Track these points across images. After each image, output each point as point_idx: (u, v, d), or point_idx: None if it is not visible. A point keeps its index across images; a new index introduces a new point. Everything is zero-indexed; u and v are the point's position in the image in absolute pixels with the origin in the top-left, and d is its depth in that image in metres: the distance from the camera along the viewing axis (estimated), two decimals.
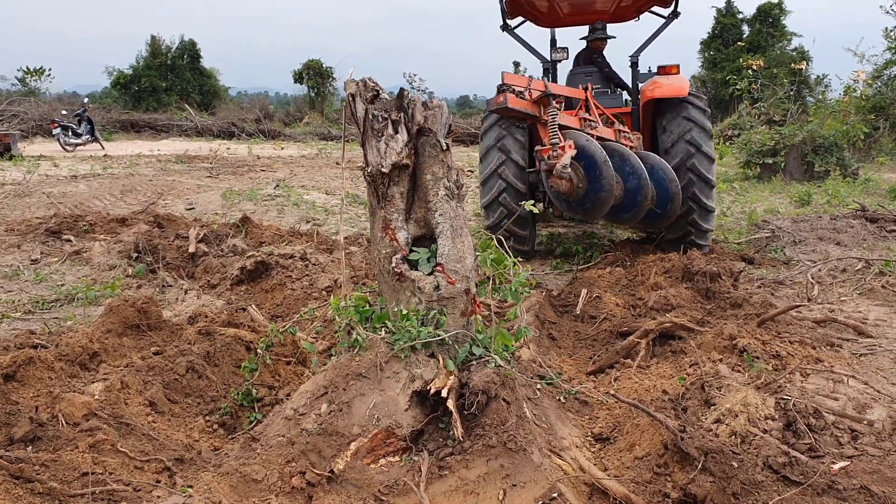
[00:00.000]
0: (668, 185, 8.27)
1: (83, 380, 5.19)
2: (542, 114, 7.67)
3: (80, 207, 13.49)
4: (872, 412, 4.65)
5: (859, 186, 15.92)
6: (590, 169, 7.38)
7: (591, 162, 7.38)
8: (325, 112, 43.29)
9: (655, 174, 8.19)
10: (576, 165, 7.38)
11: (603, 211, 7.71)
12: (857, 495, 3.54)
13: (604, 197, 7.47)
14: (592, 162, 7.38)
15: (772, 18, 38.49)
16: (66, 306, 7.90)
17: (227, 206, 13.95)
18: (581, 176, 7.42)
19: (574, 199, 7.63)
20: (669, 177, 8.32)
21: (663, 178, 8.27)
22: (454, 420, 4.06)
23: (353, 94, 4.56)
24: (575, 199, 7.63)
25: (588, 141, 7.51)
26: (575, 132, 7.75)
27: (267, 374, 5.44)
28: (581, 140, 7.51)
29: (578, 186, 7.46)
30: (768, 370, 5.32)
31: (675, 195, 8.32)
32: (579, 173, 7.44)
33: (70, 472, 3.89)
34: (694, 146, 8.95)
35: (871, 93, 23.11)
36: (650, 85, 9.64)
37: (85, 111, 27.37)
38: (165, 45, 45.79)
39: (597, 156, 7.37)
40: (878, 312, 6.98)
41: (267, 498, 3.77)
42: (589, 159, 7.40)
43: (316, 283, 7.76)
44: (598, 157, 7.36)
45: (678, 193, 8.35)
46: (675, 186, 8.32)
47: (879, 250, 9.27)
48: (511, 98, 7.41)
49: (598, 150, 7.38)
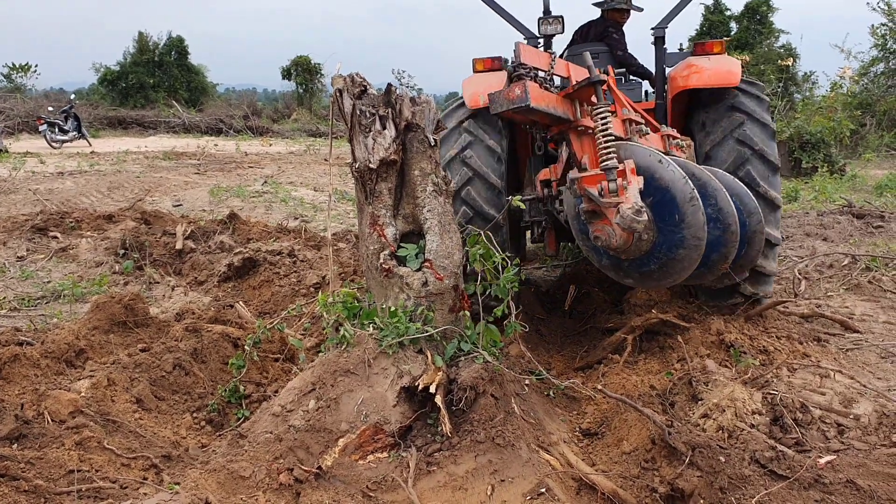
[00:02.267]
0: (749, 220, 5.27)
1: (69, 377, 5.16)
2: (578, 116, 4.70)
3: (67, 204, 13.41)
4: (859, 406, 4.68)
5: (846, 183, 15.99)
6: (664, 210, 4.41)
7: (668, 199, 4.38)
8: (313, 108, 43.18)
9: None
10: None
11: (678, 278, 4.70)
12: (843, 489, 3.56)
13: (683, 257, 4.46)
14: (669, 199, 4.37)
15: (759, 16, 38.55)
16: (52, 303, 7.85)
17: (215, 203, 13.90)
18: (648, 222, 4.37)
19: (630, 258, 4.69)
20: (749, 208, 5.30)
21: (740, 211, 5.14)
22: (442, 416, 4.06)
23: (341, 89, 4.55)
24: (631, 258, 4.68)
25: (662, 163, 4.47)
26: (633, 147, 4.75)
27: (254, 370, 5.43)
28: (647, 160, 4.54)
29: (642, 238, 4.43)
30: (755, 365, 5.34)
31: (755, 234, 5.33)
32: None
33: (56, 470, 3.87)
34: (748, 146, 6.09)
35: (857, 90, 23.25)
36: (683, 69, 6.65)
37: (72, 108, 27.24)
38: (153, 42, 45.55)
39: (677, 189, 4.36)
40: (865, 308, 7.01)
41: (254, 495, 3.76)
42: (663, 194, 4.41)
43: (304, 279, 7.75)
44: (681, 191, 4.35)
45: (760, 232, 5.35)
46: (756, 222, 5.30)
47: (866, 246, 9.31)
48: (535, 91, 4.30)
49: (681, 180, 4.38)
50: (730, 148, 6.13)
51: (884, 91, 23.57)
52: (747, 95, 6.36)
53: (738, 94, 6.34)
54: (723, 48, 6.65)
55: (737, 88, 6.35)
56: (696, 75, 6.43)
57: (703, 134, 6.39)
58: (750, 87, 6.46)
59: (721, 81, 6.27)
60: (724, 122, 6.27)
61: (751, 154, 6.06)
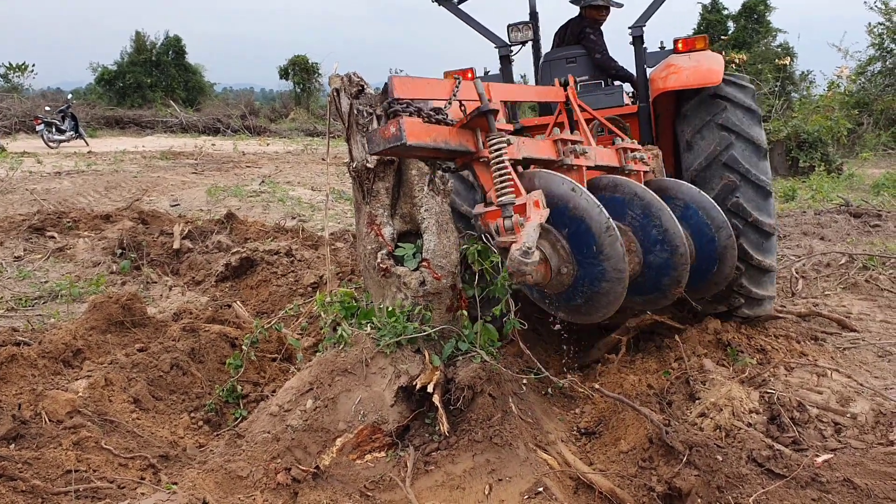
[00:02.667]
0: (717, 235, 4.97)
1: (67, 377, 5.16)
2: (479, 147, 3.93)
3: (64, 204, 13.40)
4: (856, 405, 4.68)
5: (843, 182, 16.01)
6: (580, 242, 3.87)
7: (583, 230, 3.84)
8: (310, 108, 43.17)
9: (693, 219, 5.03)
10: (555, 237, 3.88)
11: (606, 312, 4.08)
12: (840, 488, 3.56)
13: (607, 290, 3.91)
14: (585, 230, 3.83)
15: (756, 15, 38.63)
16: (49, 303, 7.85)
17: (212, 203, 13.89)
18: (565, 254, 3.88)
19: (554, 293, 4.17)
20: (717, 221, 4.99)
21: (707, 225, 4.96)
22: (440, 415, 4.06)
23: (338, 88, 4.54)
24: (555, 293, 4.15)
25: (575, 191, 3.88)
26: (546, 175, 4.01)
27: (252, 370, 5.43)
28: (559, 189, 3.92)
29: (560, 272, 3.89)
30: (752, 364, 5.35)
31: (726, 250, 5.00)
32: (561, 250, 3.89)
33: (53, 470, 3.87)
34: (737, 172, 5.66)
35: (854, 89, 23.28)
36: (662, 69, 6.17)
37: (69, 107, 27.21)
38: (150, 41, 45.50)
39: (592, 219, 3.81)
40: (862, 306, 7.02)
41: (252, 494, 3.76)
42: (578, 225, 3.86)
43: (301, 279, 7.75)
44: (596, 221, 3.80)
45: (732, 247, 5.02)
46: (726, 236, 4.97)
47: (863, 245, 9.33)
48: (413, 126, 3.55)
49: (595, 210, 3.81)
50: (716, 173, 5.71)
51: (881, 90, 23.60)
52: (735, 105, 5.89)
53: (724, 104, 5.86)
54: (706, 44, 6.21)
55: (720, 95, 5.89)
56: (674, 76, 5.97)
57: (690, 154, 5.91)
58: (736, 92, 5.97)
59: (701, 81, 5.84)
60: (710, 141, 5.79)
61: (740, 181, 5.64)
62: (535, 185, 3.87)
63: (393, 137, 3.27)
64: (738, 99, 5.90)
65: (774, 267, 5.81)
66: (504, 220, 3.52)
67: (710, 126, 5.83)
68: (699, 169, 5.78)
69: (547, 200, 3.75)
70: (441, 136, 3.60)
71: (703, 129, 5.86)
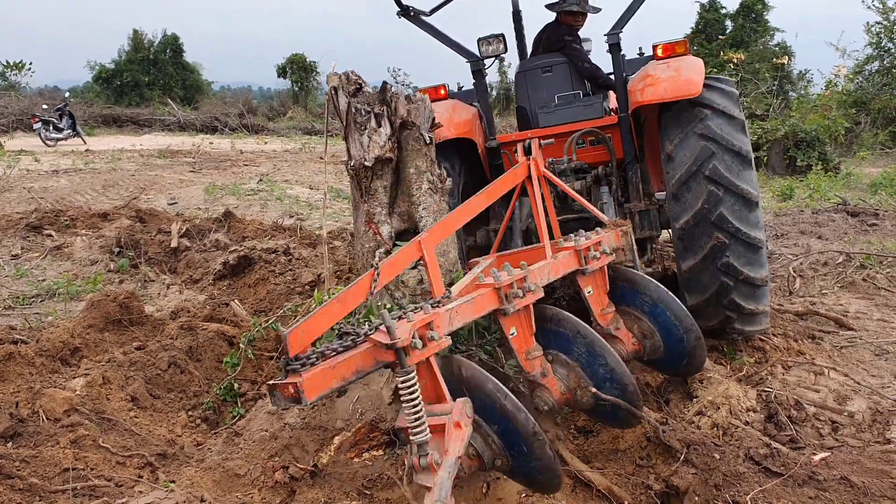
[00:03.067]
0: (686, 337, 4.60)
1: (64, 375, 5.16)
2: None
3: (62, 202, 13.38)
4: (853, 404, 4.70)
5: (841, 181, 16.03)
6: (511, 440, 3.46)
7: (512, 429, 3.42)
8: (308, 107, 43.11)
9: (661, 317, 4.66)
10: (485, 431, 3.46)
11: (550, 490, 3.66)
12: (837, 486, 3.57)
13: (544, 480, 3.55)
14: (514, 430, 3.41)
15: (755, 14, 38.64)
16: (46, 302, 7.84)
17: (210, 201, 13.88)
18: (497, 448, 3.47)
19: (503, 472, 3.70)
20: (686, 324, 4.58)
21: (675, 325, 4.60)
22: None
23: (336, 87, 4.55)
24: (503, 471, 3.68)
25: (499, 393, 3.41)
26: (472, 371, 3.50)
27: (250, 368, 5.43)
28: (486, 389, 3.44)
29: (495, 463, 3.52)
30: (750, 363, 5.36)
31: (695, 350, 4.61)
32: (493, 444, 3.47)
33: (51, 468, 3.87)
34: (721, 185, 5.28)
35: (852, 88, 23.31)
36: (640, 80, 5.81)
37: (66, 106, 27.16)
38: (148, 40, 45.41)
39: (519, 423, 3.38)
40: (859, 305, 7.03)
41: (250, 493, 3.76)
42: (507, 424, 3.43)
43: (299, 277, 7.74)
44: (523, 425, 3.37)
45: (701, 347, 4.61)
46: (694, 338, 4.56)
47: (860, 244, 9.33)
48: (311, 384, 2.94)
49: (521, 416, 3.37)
50: (699, 188, 5.34)
51: (878, 89, 23.62)
52: (716, 113, 5.46)
53: (706, 112, 5.44)
54: (686, 48, 5.82)
55: (702, 103, 5.46)
56: (650, 88, 5.56)
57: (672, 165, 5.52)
58: (718, 98, 5.55)
59: (679, 93, 5.41)
60: (690, 152, 5.42)
61: (723, 194, 5.26)
62: (462, 376, 3.47)
63: (293, 399, 2.87)
64: (719, 105, 5.49)
65: (766, 281, 5.44)
66: (419, 459, 3.03)
67: (691, 136, 5.44)
68: (680, 182, 5.42)
69: (475, 394, 3.39)
70: (351, 367, 3.08)
71: (684, 141, 5.48)
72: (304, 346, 2.98)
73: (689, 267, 5.41)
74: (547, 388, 3.97)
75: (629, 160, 6.15)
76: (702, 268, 5.36)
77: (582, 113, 6.38)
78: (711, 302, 5.40)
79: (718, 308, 5.42)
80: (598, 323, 4.50)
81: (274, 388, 2.91)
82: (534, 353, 3.95)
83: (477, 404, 3.34)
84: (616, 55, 6.12)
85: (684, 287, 5.50)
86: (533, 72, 6.80)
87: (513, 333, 3.87)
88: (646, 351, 4.64)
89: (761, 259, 5.37)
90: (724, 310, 5.42)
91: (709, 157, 5.31)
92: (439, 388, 3.26)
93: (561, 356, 4.10)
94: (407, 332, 3.09)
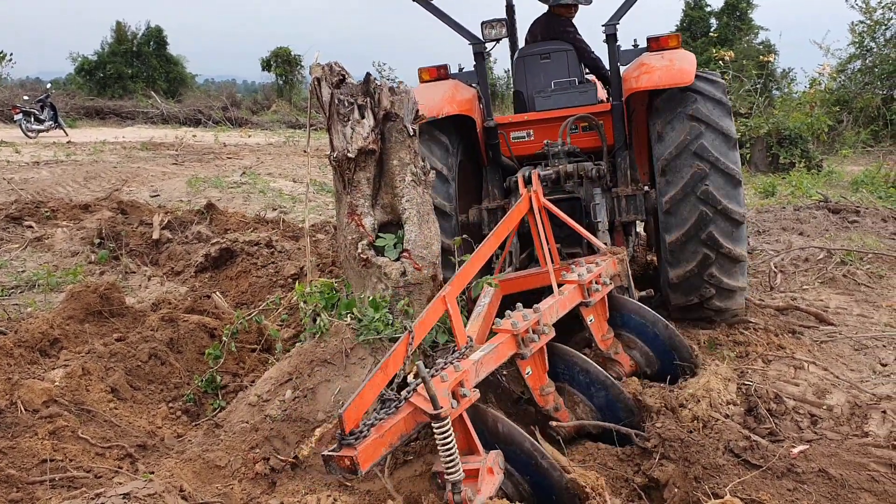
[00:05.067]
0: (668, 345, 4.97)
1: (43, 366, 5.13)
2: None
3: (43, 194, 13.27)
4: (832, 397, 4.73)
5: (822, 178, 16.11)
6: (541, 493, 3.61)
7: (545, 485, 3.58)
8: (293, 100, 42.89)
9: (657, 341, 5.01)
10: (517, 480, 3.63)
11: None
12: (815, 478, 3.60)
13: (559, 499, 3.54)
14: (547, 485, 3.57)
15: (739, 12, 38.84)
16: (26, 293, 7.78)
17: (193, 194, 13.79)
18: (527, 494, 3.63)
19: None
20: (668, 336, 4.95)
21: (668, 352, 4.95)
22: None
23: (319, 78, 4.53)
24: None
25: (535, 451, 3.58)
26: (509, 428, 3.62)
27: (231, 361, 5.40)
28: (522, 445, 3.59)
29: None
30: (731, 357, 5.39)
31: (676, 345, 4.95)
32: (524, 492, 3.63)
33: (29, 459, 3.84)
34: (707, 161, 5.70)
35: (834, 86, 23.42)
36: (635, 68, 6.22)
37: (48, 97, 26.91)
38: (131, 32, 45.02)
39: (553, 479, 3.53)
40: (839, 301, 7.08)
41: (230, 484, 3.75)
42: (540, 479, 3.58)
43: (282, 270, 7.71)
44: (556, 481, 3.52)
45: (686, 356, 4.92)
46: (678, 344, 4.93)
47: (841, 240, 9.39)
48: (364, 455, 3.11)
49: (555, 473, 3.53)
50: (686, 162, 5.75)
51: (860, 88, 23.76)
52: (706, 98, 5.89)
53: (696, 97, 5.87)
54: (678, 42, 6.25)
55: (693, 90, 5.88)
56: (646, 76, 5.98)
57: (661, 145, 5.94)
58: (708, 87, 5.96)
59: (673, 81, 5.84)
60: (679, 132, 5.82)
61: (710, 169, 5.68)
62: (498, 432, 3.60)
63: (349, 470, 3.06)
64: (708, 92, 5.92)
65: (745, 257, 5.83)
66: (454, 496, 3.23)
67: (681, 117, 5.86)
68: (669, 158, 5.82)
69: (511, 449, 3.56)
70: (396, 434, 3.26)
71: (674, 121, 5.90)
72: (356, 421, 3.14)
73: (673, 239, 5.79)
74: (560, 421, 4.20)
75: (619, 147, 6.48)
76: (685, 240, 5.74)
77: (577, 99, 6.70)
78: (693, 274, 5.79)
79: (700, 280, 5.81)
80: (599, 348, 4.81)
81: (329, 458, 3.07)
82: (547, 390, 4.18)
83: (512, 457, 3.53)
84: (612, 45, 6.38)
85: (667, 262, 5.89)
86: (532, 58, 7.11)
87: (528, 373, 4.08)
88: (641, 368, 4.97)
89: (742, 235, 5.76)
90: (704, 283, 5.81)
91: (697, 136, 5.75)
92: (472, 441, 3.42)
93: (568, 388, 4.36)
94: (447, 396, 3.27)
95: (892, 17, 23.42)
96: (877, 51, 24.00)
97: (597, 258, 5.25)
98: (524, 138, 6.69)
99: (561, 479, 3.50)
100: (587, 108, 6.51)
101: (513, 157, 6.64)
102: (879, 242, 9.18)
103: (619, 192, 6.39)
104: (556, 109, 6.61)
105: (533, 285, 5.18)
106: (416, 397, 3.29)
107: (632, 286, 5.30)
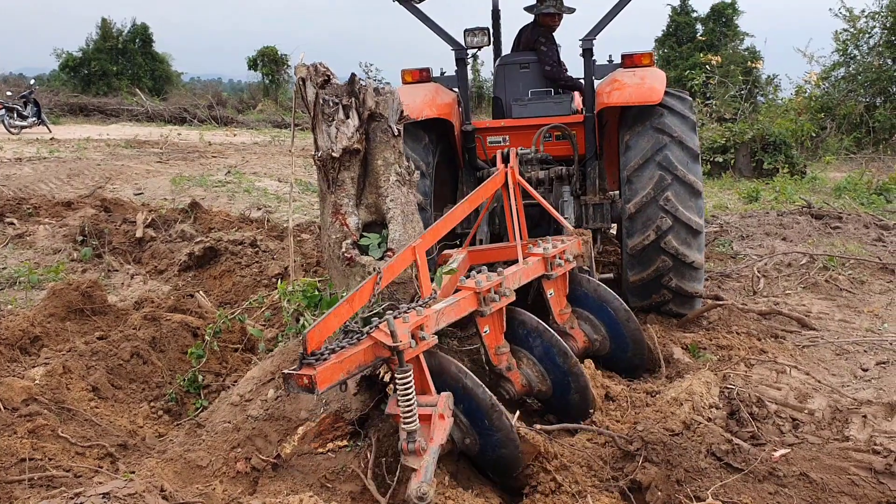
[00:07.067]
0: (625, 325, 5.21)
1: (23, 364, 5.08)
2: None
3: (25, 191, 13.17)
4: (813, 402, 4.76)
5: (806, 184, 16.21)
6: (475, 416, 3.88)
7: (475, 406, 3.85)
8: (279, 100, 42.77)
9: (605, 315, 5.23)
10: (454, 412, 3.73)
11: (514, 469, 3.93)
12: (796, 482, 3.61)
13: (507, 455, 3.88)
14: (476, 407, 3.85)
15: (725, 18, 39.02)
16: (7, 290, 7.71)
17: (177, 192, 13.72)
18: (465, 427, 3.88)
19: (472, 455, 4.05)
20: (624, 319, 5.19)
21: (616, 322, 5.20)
22: None
23: (304, 78, 4.52)
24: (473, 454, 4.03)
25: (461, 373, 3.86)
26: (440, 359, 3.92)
27: (214, 360, 5.38)
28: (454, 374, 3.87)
29: (465, 442, 3.91)
30: (713, 360, 5.41)
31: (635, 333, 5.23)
32: (461, 424, 3.88)
33: (7, 458, 3.81)
34: (669, 171, 5.98)
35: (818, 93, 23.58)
36: (608, 84, 6.47)
37: (31, 93, 26.72)
38: (117, 29, 44.77)
39: (479, 398, 3.82)
40: (821, 306, 7.13)
41: (211, 484, 3.72)
42: (469, 402, 3.85)
43: (266, 270, 7.69)
44: (482, 399, 3.81)
45: (637, 330, 5.24)
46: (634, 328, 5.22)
47: (824, 246, 9.46)
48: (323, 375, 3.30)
49: (479, 390, 3.82)
50: (649, 173, 6.04)
51: (844, 95, 23.94)
52: (673, 113, 6.20)
53: (664, 112, 6.17)
54: (651, 60, 6.47)
55: (662, 106, 6.17)
56: (617, 92, 6.26)
57: (628, 154, 6.21)
58: (676, 104, 6.27)
59: (642, 99, 6.13)
60: (645, 143, 6.12)
61: (672, 179, 5.98)
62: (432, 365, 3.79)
63: (306, 388, 3.26)
64: (675, 108, 6.24)
65: (701, 264, 6.10)
66: (408, 445, 3.41)
67: (648, 129, 6.16)
68: (635, 167, 6.11)
69: (442, 378, 3.81)
70: (355, 362, 3.46)
71: (642, 132, 6.18)
72: (318, 343, 3.36)
73: (634, 244, 6.07)
74: (510, 381, 4.46)
75: (590, 157, 6.80)
76: (646, 246, 6.02)
77: (552, 109, 7.07)
78: (652, 279, 6.12)
79: (657, 285, 6.15)
80: (556, 321, 5.03)
81: (289, 377, 3.26)
82: (502, 350, 4.42)
83: (443, 387, 3.73)
84: (588, 60, 6.72)
85: (628, 266, 6.19)
86: (512, 66, 7.48)
87: (486, 331, 4.32)
88: (594, 347, 5.20)
89: (700, 244, 6.06)
90: (662, 288, 6.16)
91: (662, 147, 6.06)
92: (426, 382, 3.65)
93: (523, 352, 4.56)
94: (406, 334, 3.49)
95: (875, 26, 23.66)
96: (860, 59, 24.22)
97: (563, 237, 5.49)
98: (500, 143, 6.93)
99: (485, 397, 3.79)
100: (562, 119, 6.81)
101: (488, 160, 6.81)
102: (861, 248, 9.25)
103: (587, 199, 6.70)
104: (532, 118, 6.92)
105: (501, 258, 5.38)
106: (378, 332, 3.49)
107: (593, 267, 5.61)
